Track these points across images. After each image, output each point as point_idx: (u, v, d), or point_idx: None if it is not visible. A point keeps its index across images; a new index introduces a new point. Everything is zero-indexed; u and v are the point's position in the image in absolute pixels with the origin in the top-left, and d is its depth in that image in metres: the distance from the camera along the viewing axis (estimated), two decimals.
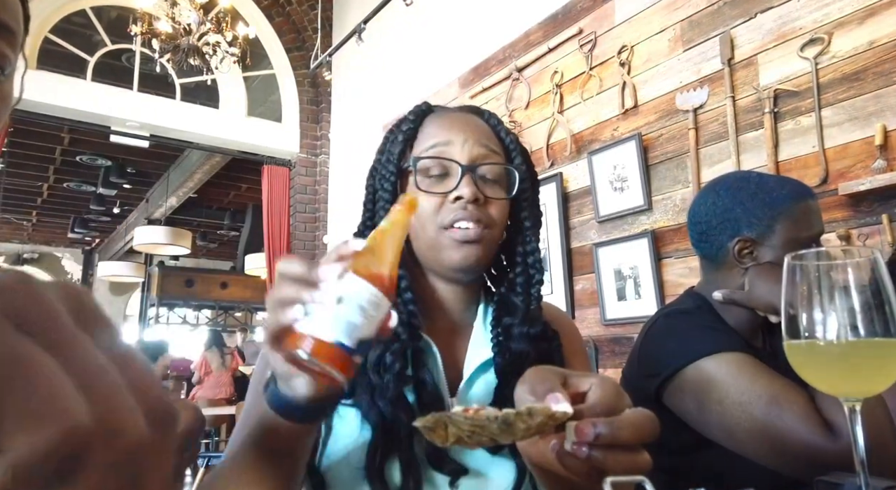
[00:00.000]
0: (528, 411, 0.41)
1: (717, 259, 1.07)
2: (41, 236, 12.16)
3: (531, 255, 0.79)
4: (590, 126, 2.79)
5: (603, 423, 0.41)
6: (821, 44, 1.98)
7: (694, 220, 1.11)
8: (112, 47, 4.92)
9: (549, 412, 0.41)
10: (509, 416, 0.40)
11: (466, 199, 0.72)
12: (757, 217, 1.01)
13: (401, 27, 4.14)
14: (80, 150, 7.61)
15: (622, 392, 0.46)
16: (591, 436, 0.41)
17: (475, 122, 0.80)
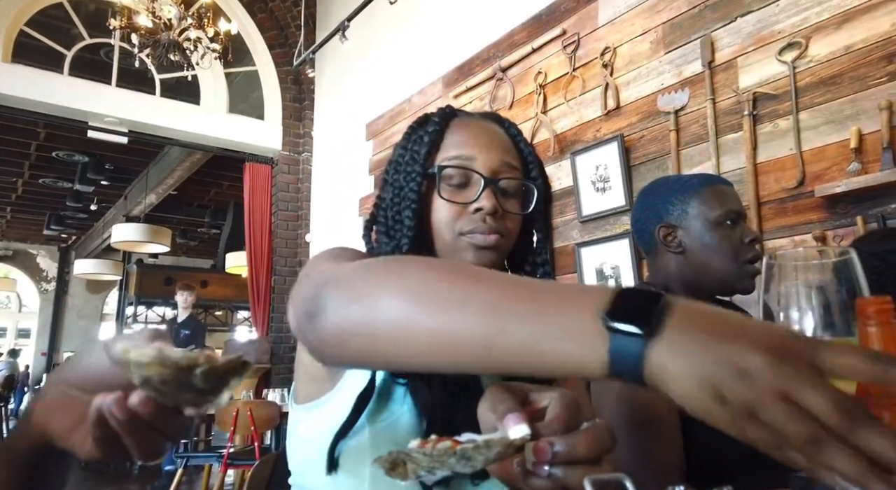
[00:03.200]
0: (485, 444, 0.41)
1: (652, 250, 1.19)
2: (16, 233, 11.91)
3: (541, 267, 0.82)
4: (573, 127, 2.81)
5: (560, 442, 0.42)
6: (799, 48, 2.02)
7: (632, 221, 1.24)
8: (90, 41, 4.83)
9: (507, 442, 0.42)
10: (466, 451, 0.41)
11: (486, 211, 0.75)
12: (672, 203, 1.14)
13: (385, 25, 4.13)
14: (56, 146, 7.46)
15: (580, 405, 0.47)
16: (548, 455, 0.42)
17: (498, 132, 0.82)
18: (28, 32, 4.45)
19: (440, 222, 0.77)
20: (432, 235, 0.79)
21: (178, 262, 11.95)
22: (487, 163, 0.77)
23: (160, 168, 7.79)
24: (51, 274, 12.95)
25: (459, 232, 0.76)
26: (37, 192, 9.30)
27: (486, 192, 0.75)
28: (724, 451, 0.98)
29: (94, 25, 4.72)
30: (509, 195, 0.78)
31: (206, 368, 0.39)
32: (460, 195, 0.77)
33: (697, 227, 1.11)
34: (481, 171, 0.77)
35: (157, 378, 0.39)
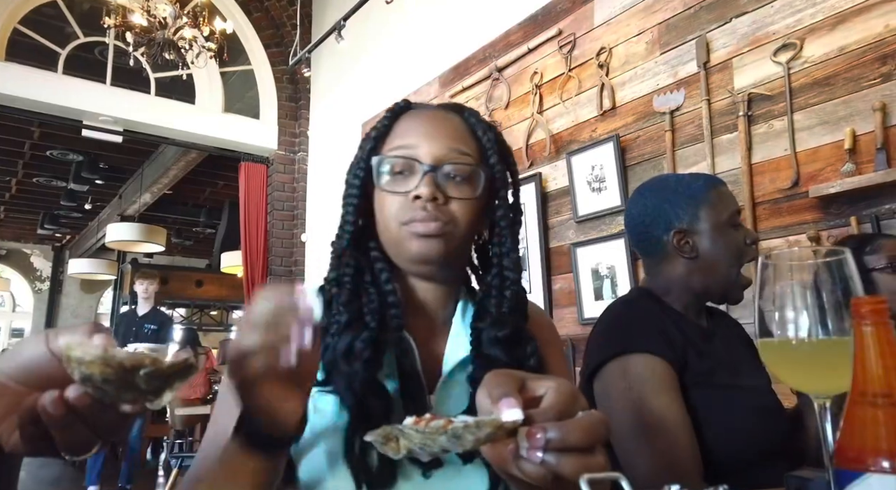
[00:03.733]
0: (476, 424, 0.42)
1: (658, 253, 1.17)
2: (9, 232, 11.84)
3: (506, 256, 0.79)
4: (569, 127, 2.81)
5: (553, 428, 0.42)
6: (793, 49, 2.02)
7: (630, 224, 1.22)
8: (84, 40, 4.81)
9: (498, 424, 0.42)
10: (457, 429, 0.41)
11: (424, 199, 0.73)
12: (682, 209, 1.14)
13: (381, 25, 4.12)
14: (50, 145, 7.42)
15: (577, 395, 0.47)
16: (541, 442, 0.42)
17: (450, 120, 0.80)
18: (22, 31, 4.43)
19: (384, 215, 0.77)
20: (379, 230, 0.78)
21: (173, 262, 11.90)
22: (432, 151, 0.76)
23: (155, 167, 7.76)
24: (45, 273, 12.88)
25: (401, 222, 0.75)
26: (31, 191, 9.24)
27: (425, 179, 0.74)
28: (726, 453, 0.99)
29: (89, 24, 4.70)
30: (458, 181, 0.76)
31: (150, 370, 0.38)
32: (402, 185, 0.76)
33: (709, 232, 1.12)
34: (424, 160, 0.75)
35: (98, 377, 0.38)
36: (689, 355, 1.04)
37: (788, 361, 0.56)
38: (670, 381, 1.01)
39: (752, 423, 1.02)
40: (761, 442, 1.01)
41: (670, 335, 1.05)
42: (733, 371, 1.07)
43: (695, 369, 1.04)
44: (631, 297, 1.20)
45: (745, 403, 1.04)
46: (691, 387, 1.03)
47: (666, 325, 1.08)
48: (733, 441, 1.00)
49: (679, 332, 1.07)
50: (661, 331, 1.06)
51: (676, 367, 1.02)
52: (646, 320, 1.09)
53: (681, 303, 1.15)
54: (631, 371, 1.01)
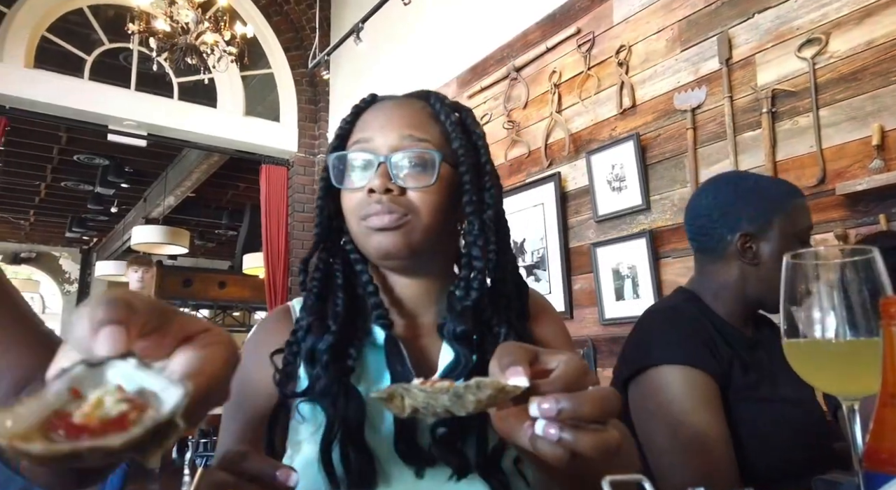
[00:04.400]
0: (476, 384, 0.41)
1: (716, 252, 1.11)
2: (39, 236, 12.13)
3: (473, 244, 0.74)
4: (588, 126, 2.79)
5: (565, 398, 0.42)
6: (818, 44, 1.99)
7: (693, 214, 1.15)
8: (109, 46, 4.91)
9: (499, 386, 0.42)
10: (459, 389, 0.41)
11: (378, 191, 0.71)
12: (757, 212, 1.07)
13: (399, 26, 4.14)
14: (77, 150, 7.59)
15: (588, 371, 0.46)
16: (553, 410, 0.41)
17: (409, 109, 0.77)
18: (50, 38, 4.53)
19: (346, 212, 0.75)
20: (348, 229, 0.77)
21: (196, 264, 12.08)
22: (386, 141, 0.73)
23: (178, 170, 7.89)
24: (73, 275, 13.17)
25: (360, 217, 0.73)
26: (59, 195, 9.46)
27: (378, 170, 0.71)
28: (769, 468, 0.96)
29: (114, 30, 4.79)
30: (415, 169, 0.72)
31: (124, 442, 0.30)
32: (360, 180, 0.74)
33: (777, 242, 1.06)
34: (379, 152, 0.73)
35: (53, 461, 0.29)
36: (735, 369, 1.00)
37: (816, 363, 0.55)
38: (712, 396, 0.97)
39: (795, 436, 0.98)
40: (804, 455, 0.97)
41: (717, 347, 1.01)
42: (777, 382, 1.03)
43: (739, 383, 1.00)
44: (675, 303, 1.14)
45: (788, 417, 1.00)
46: (735, 401, 0.99)
47: (713, 336, 1.03)
48: (776, 455, 0.97)
49: (726, 343, 1.03)
50: (706, 342, 1.01)
51: (719, 380, 0.99)
52: (691, 330, 1.04)
53: (728, 309, 1.09)
54: (672, 384, 0.97)
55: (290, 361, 0.72)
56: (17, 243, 12.27)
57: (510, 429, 0.45)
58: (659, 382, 0.98)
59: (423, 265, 0.76)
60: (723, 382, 0.99)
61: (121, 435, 0.30)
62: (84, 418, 0.31)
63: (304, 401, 0.70)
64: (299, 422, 0.70)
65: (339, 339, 0.71)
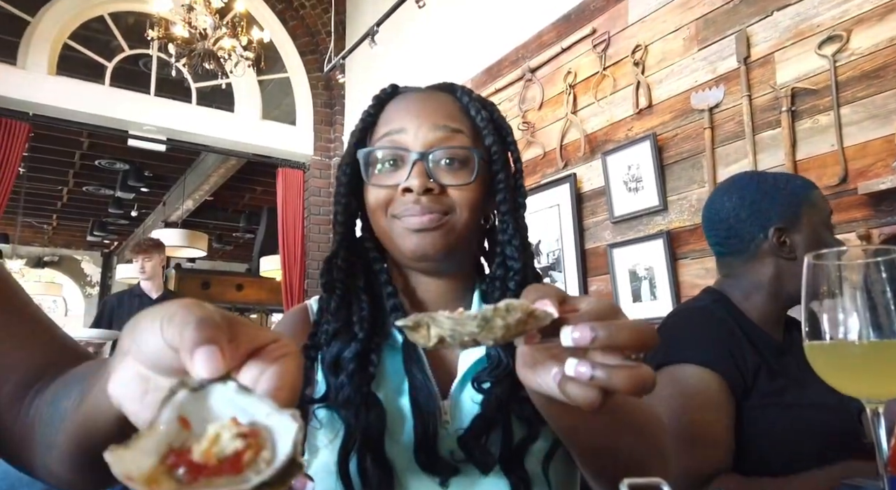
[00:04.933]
0: (505, 307, 0.39)
1: (748, 252, 1.10)
2: (61, 239, 12.35)
3: (508, 244, 0.72)
4: (604, 126, 2.78)
5: (600, 325, 0.38)
6: (839, 41, 1.95)
7: (717, 218, 1.14)
8: (129, 53, 4.99)
9: (528, 309, 0.39)
10: (487, 312, 0.39)
11: (416, 191, 0.67)
12: (784, 206, 1.08)
13: (413, 29, 4.15)
14: (98, 155, 7.72)
15: (620, 309, 0.43)
16: (587, 338, 0.38)
17: (438, 101, 0.74)
18: (71, 45, 4.62)
19: (372, 209, 0.72)
20: (374, 227, 0.74)
21: (214, 267, 12.21)
22: (420, 136, 0.69)
23: (196, 174, 7.99)
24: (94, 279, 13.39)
25: (393, 215, 0.70)
26: (80, 199, 9.63)
27: (415, 169, 0.68)
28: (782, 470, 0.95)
29: (133, 37, 4.87)
30: (453, 166, 0.70)
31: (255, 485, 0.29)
32: (393, 176, 0.70)
33: (809, 233, 1.07)
34: (412, 147, 0.69)
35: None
36: (761, 375, 0.99)
37: (838, 365, 0.54)
38: (721, 403, 0.96)
39: (822, 442, 0.97)
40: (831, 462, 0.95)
41: (743, 354, 1.00)
42: (805, 388, 1.01)
43: (765, 389, 0.99)
44: (704, 304, 1.12)
45: (815, 422, 0.99)
46: (760, 407, 0.98)
47: (740, 341, 1.02)
48: (803, 462, 0.95)
49: (754, 349, 1.02)
50: (731, 348, 1.00)
51: (739, 389, 0.98)
52: (717, 333, 1.03)
53: (760, 310, 1.08)
54: (682, 381, 0.97)
55: (307, 366, 0.71)
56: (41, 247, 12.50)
57: (535, 375, 0.42)
58: (671, 378, 0.99)
59: (452, 265, 0.74)
60: (743, 390, 0.98)
61: (255, 476, 0.29)
62: (203, 456, 0.30)
63: (321, 406, 0.69)
64: (316, 428, 0.69)
65: (366, 347, 0.69)
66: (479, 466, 0.64)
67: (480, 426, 0.65)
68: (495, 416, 0.65)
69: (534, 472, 0.66)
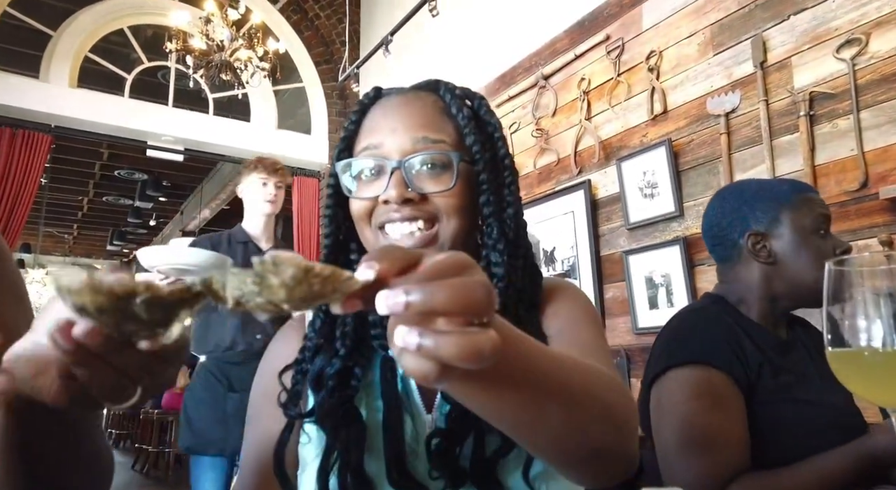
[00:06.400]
0: (272, 260, 0.32)
1: (732, 258, 1.12)
2: (82, 249, 12.55)
3: (493, 248, 0.69)
4: (618, 132, 2.76)
5: (416, 288, 0.32)
6: (858, 44, 1.93)
7: (706, 227, 1.17)
8: (148, 65, 5.07)
9: (302, 265, 0.32)
10: (257, 266, 0.32)
11: (394, 201, 0.66)
12: (762, 211, 1.08)
13: (427, 38, 4.18)
14: (118, 165, 7.85)
15: (470, 265, 0.35)
16: (400, 304, 0.32)
17: (419, 103, 0.71)
18: (92, 58, 4.71)
19: (356, 220, 0.71)
20: (361, 239, 0.73)
21: None
22: (397, 145, 0.68)
23: (213, 184, 8.08)
24: None
25: (377, 225, 0.69)
26: (100, 209, 9.78)
27: (392, 178, 0.66)
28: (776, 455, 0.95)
29: (152, 49, 4.96)
30: (434, 171, 0.67)
31: (146, 297, 0.34)
32: (373, 186, 0.69)
33: (789, 237, 1.06)
34: (392, 156, 0.67)
35: (91, 307, 0.34)
36: (764, 372, 0.99)
37: (861, 372, 0.53)
38: (729, 398, 0.96)
39: (829, 441, 0.95)
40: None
41: (745, 351, 1.00)
42: (812, 386, 1.01)
43: (769, 387, 0.98)
44: (701, 305, 1.14)
45: (822, 420, 0.98)
46: (764, 404, 0.97)
47: (740, 337, 1.02)
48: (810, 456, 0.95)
49: (755, 347, 1.01)
50: (733, 345, 1.00)
51: (743, 383, 0.97)
52: (713, 331, 1.03)
53: (756, 311, 1.09)
54: (685, 384, 0.97)
55: (297, 381, 0.70)
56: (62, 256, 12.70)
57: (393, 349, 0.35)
58: (674, 382, 0.99)
59: None
60: (747, 386, 0.98)
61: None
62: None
63: (310, 421, 0.68)
64: (304, 442, 0.69)
65: (347, 363, 0.68)
66: (448, 480, 0.62)
67: (448, 439, 0.63)
68: (462, 429, 0.63)
69: (515, 485, 0.63)
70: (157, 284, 0.35)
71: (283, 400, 0.69)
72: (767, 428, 0.96)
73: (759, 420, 0.97)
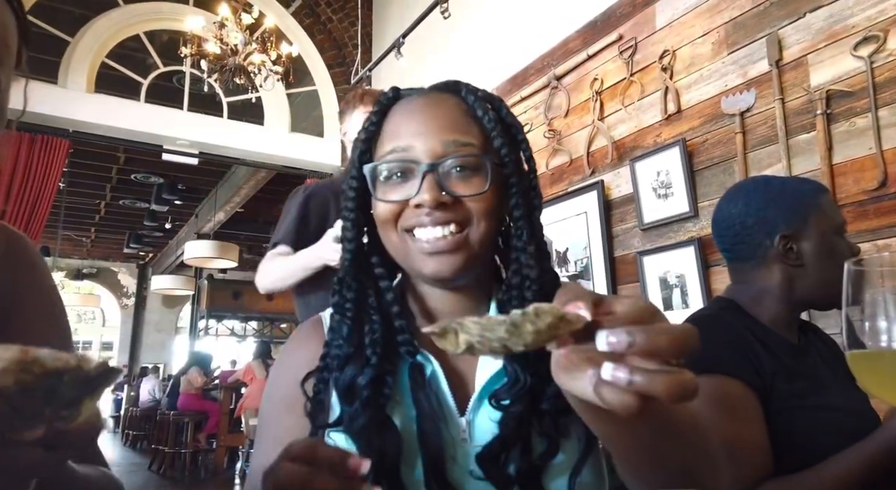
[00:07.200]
0: (534, 311, 0.38)
1: (755, 258, 1.09)
2: (99, 252, 12.73)
3: (524, 251, 0.69)
4: (631, 132, 2.75)
5: (639, 331, 0.37)
6: (876, 42, 1.90)
7: (725, 223, 1.14)
8: (164, 69, 5.14)
9: (559, 313, 0.38)
10: (516, 318, 0.38)
11: (427, 206, 0.65)
12: (792, 212, 1.06)
13: (439, 40, 4.18)
14: (134, 169, 7.95)
15: (658, 311, 0.41)
16: (623, 343, 0.37)
17: (443, 106, 0.70)
18: (109, 64, 4.78)
19: (382, 224, 0.69)
20: (385, 243, 0.71)
21: (245, 277, 12.41)
22: (427, 148, 0.66)
23: (228, 187, 8.16)
24: (131, 290, 13.74)
25: (405, 228, 0.67)
26: (117, 212, 9.91)
27: (425, 182, 0.65)
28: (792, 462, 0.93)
29: (167, 54, 5.02)
30: (465, 175, 0.66)
31: (76, 374, 0.32)
32: (402, 189, 0.67)
33: (817, 239, 1.05)
34: (421, 159, 0.66)
35: (13, 387, 0.31)
36: (778, 379, 0.97)
37: (881, 374, 0.52)
38: (746, 408, 0.94)
39: (845, 446, 0.93)
40: None
41: (758, 357, 0.98)
42: (826, 391, 1.00)
43: (784, 393, 0.97)
44: (714, 311, 1.12)
45: (839, 425, 0.96)
46: (779, 411, 0.96)
47: (753, 345, 1.00)
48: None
49: (768, 353, 1.00)
50: (746, 351, 0.98)
51: (759, 392, 0.96)
52: (729, 339, 1.01)
53: (771, 314, 1.07)
54: (703, 394, 0.95)
55: (320, 390, 0.69)
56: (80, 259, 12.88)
57: (571, 378, 0.41)
58: None
59: (469, 279, 0.71)
60: (763, 393, 0.96)
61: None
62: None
63: (335, 430, 0.67)
64: None
65: (379, 371, 0.66)
66: (496, 485, 0.62)
67: (499, 445, 0.63)
68: (513, 434, 0.63)
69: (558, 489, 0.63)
70: (86, 358, 0.32)
71: (308, 409, 0.69)
72: (784, 435, 0.94)
73: (776, 427, 0.95)
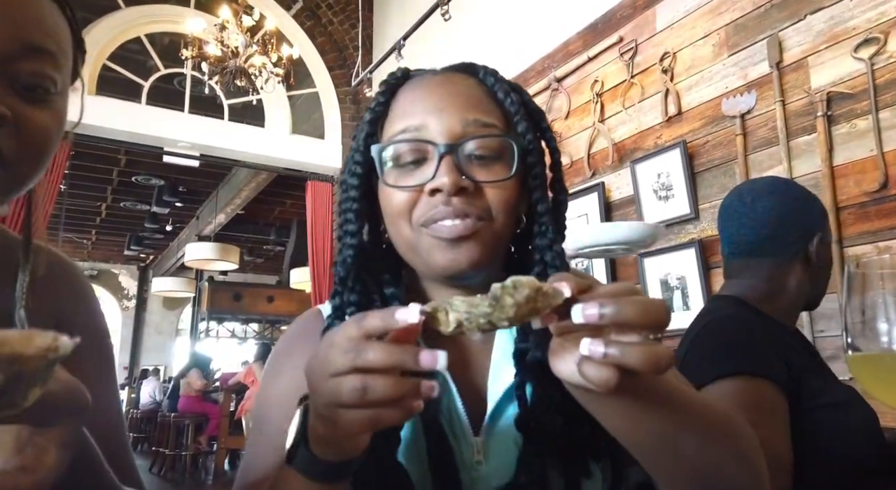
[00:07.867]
0: (513, 284, 0.39)
1: (781, 255, 1.08)
2: (100, 254, 12.73)
3: (548, 249, 0.62)
4: (632, 134, 2.75)
5: (609, 302, 0.38)
6: (876, 44, 1.90)
7: (761, 218, 1.08)
8: (165, 72, 5.14)
9: (535, 285, 0.39)
10: (496, 290, 0.39)
11: (447, 192, 0.56)
12: (821, 214, 1.12)
13: (439, 42, 4.18)
14: (135, 171, 7.96)
15: (638, 290, 0.42)
16: (595, 314, 0.38)
17: (461, 84, 0.63)
18: (110, 66, 4.78)
19: (392, 216, 0.61)
20: (391, 237, 0.63)
21: (246, 279, 12.42)
22: (444, 127, 0.58)
23: (229, 189, 8.16)
24: (131, 292, 13.73)
25: (419, 223, 0.59)
26: (118, 214, 9.92)
27: (443, 165, 0.57)
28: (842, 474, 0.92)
29: (168, 56, 5.02)
30: (486, 160, 0.59)
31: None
32: (415, 175, 0.59)
33: (829, 244, 1.13)
34: (437, 139, 0.58)
35: None
36: (805, 376, 0.96)
37: (882, 376, 0.52)
38: (776, 410, 0.92)
39: (864, 439, 0.94)
40: (871, 458, 0.94)
41: (787, 356, 0.97)
42: (836, 387, 1.01)
43: (811, 390, 0.95)
44: (731, 312, 1.08)
45: (852, 423, 0.96)
46: (810, 410, 0.94)
47: (781, 344, 0.99)
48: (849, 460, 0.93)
49: (794, 351, 0.99)
50: (777, 350, 0.97)
51: (790, 390, 0.94)
52: (758, 339, 0.99)
53: (784, 311, 1.08)
54: (736, 396, 0.91)
55: None
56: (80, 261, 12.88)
57: (562, 362, 0.42)
58: (723, 395, 0.93)
59: (482, 277, 0.62)
60: (794, 391, 0.94)
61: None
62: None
63: None
64: None
65: None
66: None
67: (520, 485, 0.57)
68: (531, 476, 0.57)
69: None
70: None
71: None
72: (812, 433, 0.93)
73: (809, 426, 0.93)
